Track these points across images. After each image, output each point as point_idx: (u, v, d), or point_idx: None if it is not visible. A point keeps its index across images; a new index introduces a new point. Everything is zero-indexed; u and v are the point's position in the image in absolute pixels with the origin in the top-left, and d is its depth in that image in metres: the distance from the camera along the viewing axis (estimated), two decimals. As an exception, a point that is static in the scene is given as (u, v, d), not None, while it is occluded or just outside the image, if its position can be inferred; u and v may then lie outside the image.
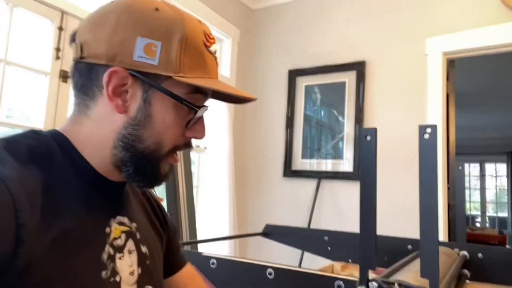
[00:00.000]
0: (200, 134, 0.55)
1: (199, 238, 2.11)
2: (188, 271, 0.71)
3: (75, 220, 0.47)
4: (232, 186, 2.41)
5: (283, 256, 2.32)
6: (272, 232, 1.58)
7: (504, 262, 1.13)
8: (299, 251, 2.24)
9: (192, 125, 0.54)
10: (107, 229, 0.52)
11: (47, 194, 0.45)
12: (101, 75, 0.50)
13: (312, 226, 2.37)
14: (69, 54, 1.73)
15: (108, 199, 0.54)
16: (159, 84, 0.50)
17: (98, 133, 0.52)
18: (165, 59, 0.49)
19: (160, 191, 2.17)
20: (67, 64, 1.59)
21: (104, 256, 0.50)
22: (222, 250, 2.29)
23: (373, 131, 0.72)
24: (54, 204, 0.45)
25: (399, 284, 0.63)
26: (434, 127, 0.65)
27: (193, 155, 2.38)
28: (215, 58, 0.56)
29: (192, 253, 0.91)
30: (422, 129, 0.66)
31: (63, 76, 1.57)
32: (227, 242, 2.32)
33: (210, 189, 2.43)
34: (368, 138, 0.71)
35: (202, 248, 1.87)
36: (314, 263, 1.66)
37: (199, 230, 2.23)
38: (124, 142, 0.51)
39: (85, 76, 0.52)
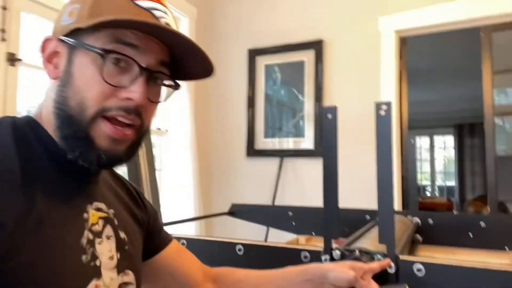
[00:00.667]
0: (134, 95, 0.49)
1: (164, 221, 2.11)
2: (175, 247, 0.72)
3: (52, 206, 0.47)
4: (196, 167, 2.41)
5: (248, 234, 2.37)
6: (238, 211, 1.62)
7: (452, 226, 1.24)
8: (264, 228, 2.30)
9: (129, 84, 0.50)
10: (85, 215, 0.52)
11: (24, 180, 0.45)
12: None
13: (277, 203, 2.43)
14: (16, 35, 1.61)
15: (84, 185, 0.54)
16: (77, 40, 0.50)
17: (49, 109, 0.52)
18: (80, 15, 0.51)
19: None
20: (14, 46, 1.49)
21: (84, 241, 0.50)
22: (188, 232, 2.31)
23: (334, 109, 0.76)
24: (31, 190, 0.45)
25: (360, 251, 0.68)
26: (389, 104, 0.70)
27: (154, 138, 2.34)
28: (154, 16, 0.51)
29: (161, 235, 0.92)
30: (378, 106, 0.70)
31: (10, 59, 1.48)
32: (193, 223, 2.33)
33: (174, 171, 2.41)
34: (329, 116, 0.75)
35: (169, 231, 1.87)
36: (279, 238, 1.73)
37: (165, 213, 2.23)
38: (56, 108, 0.50)
39: None
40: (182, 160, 2.39)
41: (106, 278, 0.51)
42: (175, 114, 2.38)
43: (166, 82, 0.57)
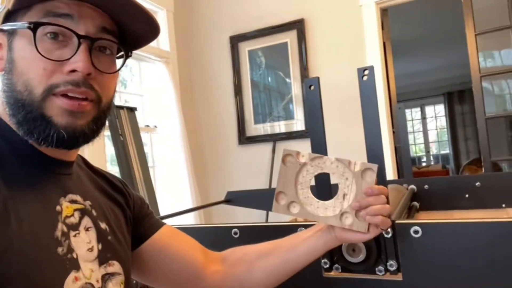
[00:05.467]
0: (78, 66, 0.48)
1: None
2: (168, 230, 0.69)
3: (18, 199, 0.46)
4: (189, 161, 2.39)
5: (248, 220, 2.37)
6: (235, 198, 1.61)
7: (448, 189, 1.24)
8: (263, 213, 2.30)
9: (71, 56, 0.48)
10: (58, 208, 0.50)
11: None
12: None
13: (273, 187, 2.43)
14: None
15: (54, 177, 0.53)
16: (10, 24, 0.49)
17: (2, 100, 0.50)
18: None
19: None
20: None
21: (58, 234, 0.48)
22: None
23: (316, 80, 0.74)
24: None
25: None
26: (371, 68, 0.68)
27: (144, 136, 2.31)
28: None
29: (156, 228, 0.90)
30: (360, 71, 0.69)
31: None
32: (191, 216, 2.32)
33: (168, 167, 2.39)
34: (312, 87, 0.73)
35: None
36: (280, 220, 1.72)
37: (163, 209, 2.21)
38: (5, 97, 0.49)
39: None
40: (175, 155, 2.37)
41: (85, 270, 0.50)
42: (162, 109, 2.35)
43: (115, 51, 0.54)
